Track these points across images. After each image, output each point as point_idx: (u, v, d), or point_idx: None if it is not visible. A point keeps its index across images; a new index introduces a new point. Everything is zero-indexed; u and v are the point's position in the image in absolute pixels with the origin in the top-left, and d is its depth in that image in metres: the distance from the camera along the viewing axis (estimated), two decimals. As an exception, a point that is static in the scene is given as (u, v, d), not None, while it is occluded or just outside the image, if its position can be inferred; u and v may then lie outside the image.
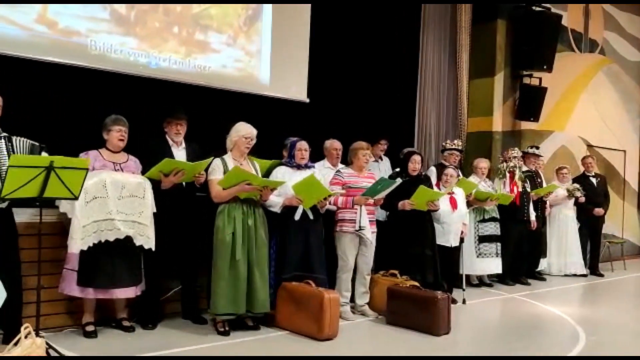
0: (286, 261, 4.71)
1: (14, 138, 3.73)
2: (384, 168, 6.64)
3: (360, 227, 4.98)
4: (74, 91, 5.36)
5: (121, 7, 5.61)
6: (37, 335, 3.32)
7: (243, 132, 4.54)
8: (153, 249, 4.23)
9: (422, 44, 8.38)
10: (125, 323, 4.41)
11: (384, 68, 7.82)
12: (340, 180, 5.09)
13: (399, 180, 5.13)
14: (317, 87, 7.05)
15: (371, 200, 5.03)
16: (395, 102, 7.98)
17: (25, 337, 3.19)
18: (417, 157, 5.59)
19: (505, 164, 7.07)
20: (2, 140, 3.65)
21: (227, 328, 4.43)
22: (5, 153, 3.63)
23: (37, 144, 3.85)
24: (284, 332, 4.57)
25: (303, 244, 4.74)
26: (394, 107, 7.95)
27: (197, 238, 4.62)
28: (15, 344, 3.18)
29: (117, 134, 4.32)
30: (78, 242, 3.97)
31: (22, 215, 4.15)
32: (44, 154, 3.85)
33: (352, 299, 5.24)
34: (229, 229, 4.35)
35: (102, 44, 5.50)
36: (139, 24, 5.74)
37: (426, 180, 5.69)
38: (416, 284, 5.06)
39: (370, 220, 5.09)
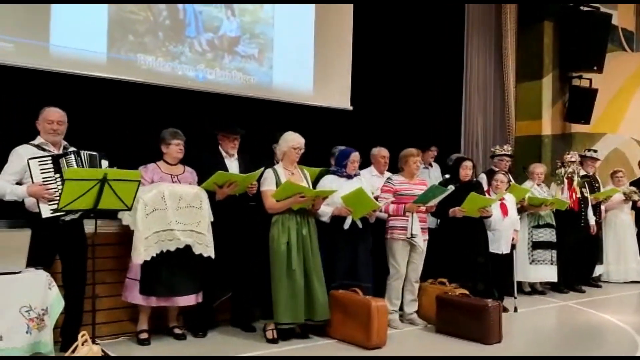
0: (334, 270, 4.71)
1: (82, 153, 3.87)
2: (434, 175, 6.56)
3: (412, 234, 4.95)
4: (126, 106, 5.52)
5: (172, 28, 5.77)
6: (94, 342, 3.42)
7: (292, 142, 4.60)
8: (212, 256, 4.31)
9: (467, 48, 8.30)
10: (177, 331, 4.51)
11: (428, 73, 7.76)
12: (392, 188, 5.07)
13: (451, 188, 5.06)
14: (360, 95, 7.05)
15: (423, 208, 4.99)
16: (440, 108, 7.91)
17: (82, 344, 3.30)
18: (468, 163, 5.52)
19: (563, 170, 6.88)
20: (72, 155, 3.80)
21: (276, 336, 4.46)
22: (75, 167, 3.77)
23: (95, 153, 3.96)
24: (333, 340, 4.57)
25: (351, 253, 4.74)
26: (439, 112, 7.88)
27: (250, 247, 4.67)
28: (73, 351, 3.29)
29: (176, 147, 4.45)
30: (142, 253, 4.07)
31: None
32: (104, 162, 3.98)
33: (401, 307, 5.19)
34: (283, 238, 4.40)
35: (152, 59, 5.66)
36: (187, 40, 5.88)
37: (478, 187, 5.60)
38: (465, 292, 4.98)
39: (422, 228, 5.05)
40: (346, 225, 4.70)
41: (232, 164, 4.74)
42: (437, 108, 7.84)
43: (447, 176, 5.69)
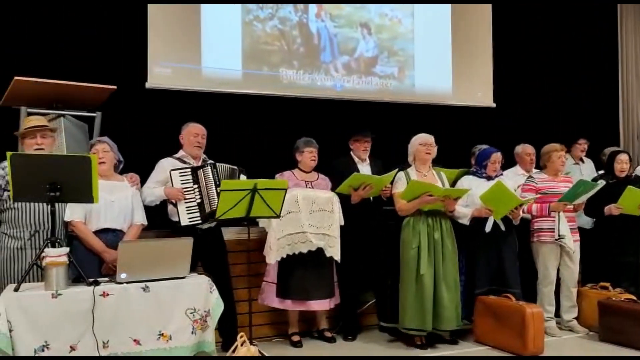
0: (478, 275, 4.54)
1: (218, 165, 4.14)
2: (587, 171, 6.04)
3: (559, 235, 4.64)
4: (268, 118, 5.80)
5: (306, 55, 5.93)
6: (251, 343, 3.62)
7: (419, 140, 4.54)
8: (339, 260, 4.38)
9: (621, 31, 7.67)
10: (327, 334, 4.63)
11: (577, 61, 7.27)
12: (534, 187, 4.79)
13: (600, 183, 4.68)
14: (503, 90, 6.78)
15: (570, 206, 4.66)
16: (593, 98, 7.34)
17: (241, 345, 3.50)
18: (623, 157, 5.07)
19: None
20: (209, 167, 4.07)
21: (424, 341, 4.41)
22: (212, 179, 4.03)
23: (235, 167, 4.22)
24: (484, 347, 4.42)
25: (496, 257, 4.53)
26: (592, 103, 7.32)
27: (387, 251, 4.67)
28: (233, 351, 3.52)
29: (309, 155, 4.60)
30: (274, 253, 4.27)
31: (230, 234, 4.57)
32: (242, 176, 4.21)
33: (558, 314, 4.89)
34: (413, 242, 4.34)
35: (292, 73, 5.88)
36: (322, 66, 5.99)
37: (636, 182, 5.11)
38: (632, 297, 4.56)
39: (571, 229, 4.72)
40: (487, 228, 4.50)
41: (365, 169, 4.78)
42: (588, 99, 7.29)
43: (601, 172, 5.26)
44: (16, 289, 2.96)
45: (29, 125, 3.55)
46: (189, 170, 4.02)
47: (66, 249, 3.08)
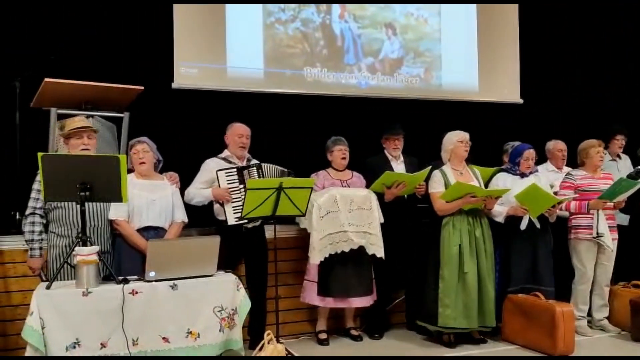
0: (512, 273, 4.49)
1: (263, 165, 4.16)
2: (624, 167, 5.86)
3: (598, 233, 4.56)
4: (295, 117, 5.80)
5: (330, 57, 5.89)
6: (278, 341, 3.63)
7: (456, 136, 4.49)
8: (383, 257, 4.36)
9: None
10: (354, 332, 4.62)
11: (608, 52, 7.08)
12: (572, 184, 4.71)
13: (643, 181, 4.57)
14: (531, 86, 6.67)
15: (610, 204, 4.58)
16: (628, 92, 7.16)
17: (268, 342, 3.52)
18: (658, 152, 4.97)
19: None
20: (254, 168, 4.10)
21: (452, 340, 4.37)
22: (257, 178, 4.05)
23: (285, 169, 4.23)
24: (513, 346, 4.37)
25: (530, 256, 4.47)
26: (627, 97, 7.14)
27: (421, 249, 4.65)
28: (260, 349, 3.53)
29: (339, 153, 4.60)
30: (317, 253, 4.27)
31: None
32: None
33: (589, 313, 4.80)
34: (455, 240, 4.31)
35: (317, 71, 5.86)
36: (346, 68, 5.95)
37: (675, 178, 4.99)
38: (666, 295, 4.47)
39: (610, 227, 4.63)
40: (523, 226, 4.45)
41: (398, 167, 4.77)
42: (613, 98, 7.11)
43: (639, 168, 5.13)
44: (48, 287, 3.01)
45: (75, 126, 3.58)
46: (235, 170, 4.07)
47: (96, 248, 3.12)
